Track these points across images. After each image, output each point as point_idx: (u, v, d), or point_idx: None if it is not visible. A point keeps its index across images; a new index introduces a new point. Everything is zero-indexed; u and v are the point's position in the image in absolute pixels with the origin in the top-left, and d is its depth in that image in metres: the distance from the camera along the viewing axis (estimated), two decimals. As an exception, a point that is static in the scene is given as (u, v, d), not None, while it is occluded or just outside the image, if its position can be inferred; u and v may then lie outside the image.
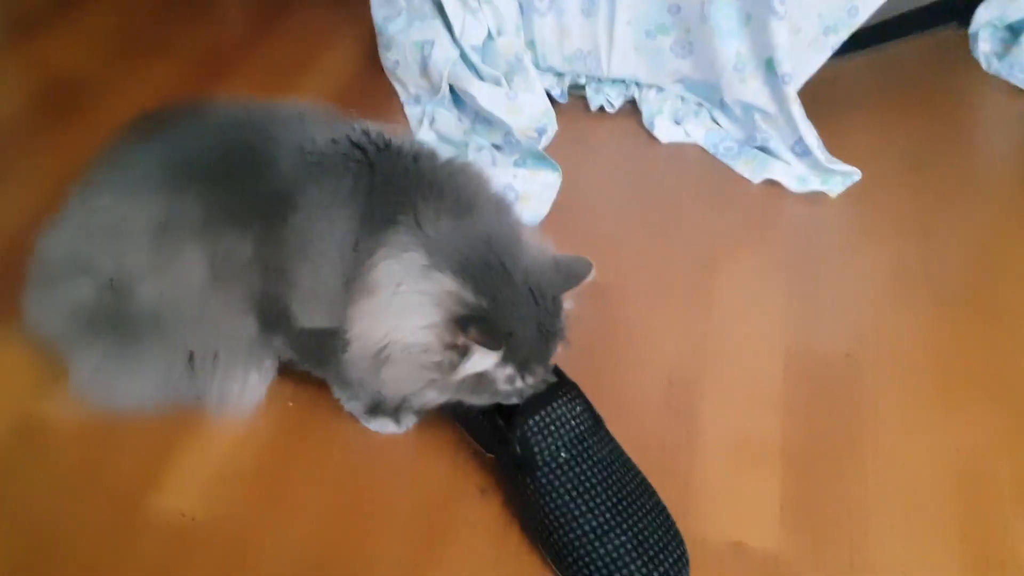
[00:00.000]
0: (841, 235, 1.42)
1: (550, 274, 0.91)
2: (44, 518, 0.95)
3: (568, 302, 0.94)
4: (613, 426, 1.00)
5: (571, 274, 0.92)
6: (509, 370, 0.88)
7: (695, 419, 1.10)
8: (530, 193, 1.40)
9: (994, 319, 1.25)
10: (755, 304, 1.27)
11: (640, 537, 0.90)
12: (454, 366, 0.86)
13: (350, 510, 0.98)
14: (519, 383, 0.90)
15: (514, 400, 0.93)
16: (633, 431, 1.02)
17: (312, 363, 1.02)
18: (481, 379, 0.88)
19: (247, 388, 1.01)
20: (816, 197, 1.46)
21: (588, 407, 0.97)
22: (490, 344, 0.84)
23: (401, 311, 0.86)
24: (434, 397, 0.91)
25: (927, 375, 1.17)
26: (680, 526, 0.95)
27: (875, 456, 1.06)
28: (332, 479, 1.00)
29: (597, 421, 0.98)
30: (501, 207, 0.96)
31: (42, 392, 1.06)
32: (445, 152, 0.99)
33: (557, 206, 1.40)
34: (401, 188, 0.91)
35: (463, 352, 0.85)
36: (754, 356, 1.19)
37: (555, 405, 0.94)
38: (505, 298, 0.87)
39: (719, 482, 1.03)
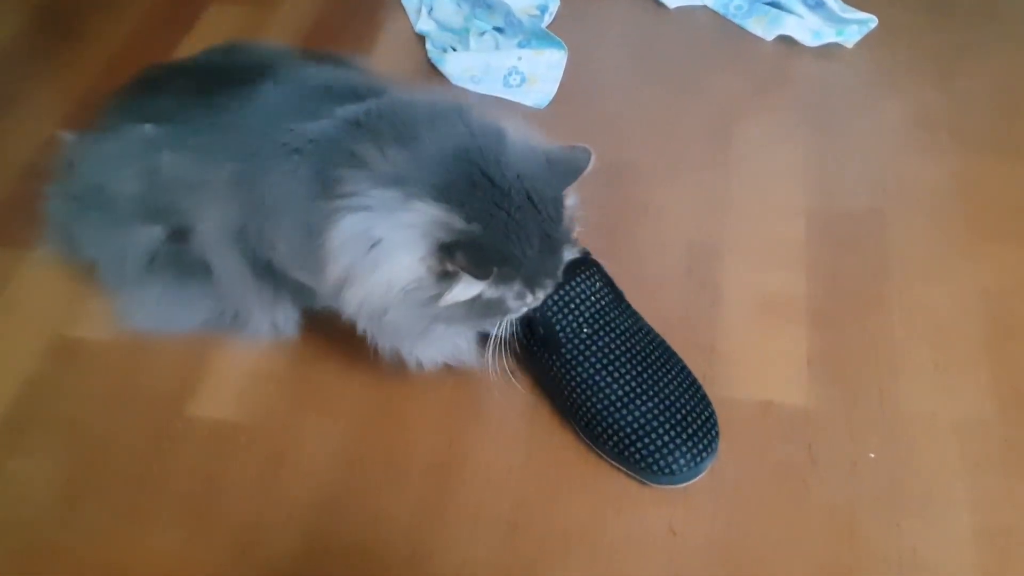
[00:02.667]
0: (859, 87, 1.37)
1: (545, 174, 0.83)
2: (90, 433, 0.98)
3: (570, 198, 0.87)
4: (635, 301, 1.00)
5: (568, 168, 0.84)
6: (517, 286, 0.82)
7: (717, 286, 1.09)
8: (536, 75, 1.37)
9: (1020, 160, 1.21)
10: (774, 166, 1.24)
11: (667, 402, 0.91)
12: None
13: (384, 405, 1.00)
14: (529, 299, 0.84)
15: (526, 311, 0.89)
16: (656, 304, 1.03)
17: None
18: (489, 303, 0.82)
19: (280, 327, 1.02)
20: (832, 50, 1.41)
21: (608, 282, 0.98)
22: (476, 273, 0.77)
23: (387, 255, 0.79)
24: (444, 331, 0.88)
25: (953, 222, 1.15)
26: (708, 391, 0.96)
27: (902, 306, 1.06)
28: (365, 378, 1.01)
29: (617, 295, 0.98)
30: (460, 115, 0.84)
31: (75, 313, 1.08)
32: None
33: (564, 86, 1.37)
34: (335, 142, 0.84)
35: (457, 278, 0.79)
36: (775, 218, 1.17)
37: (575, 283, 0.94)
38: (501, 217, 0.79)
39: (745, 345, 1.03)
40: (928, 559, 0.86)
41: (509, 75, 1.37)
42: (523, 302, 0.85)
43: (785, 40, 1.43)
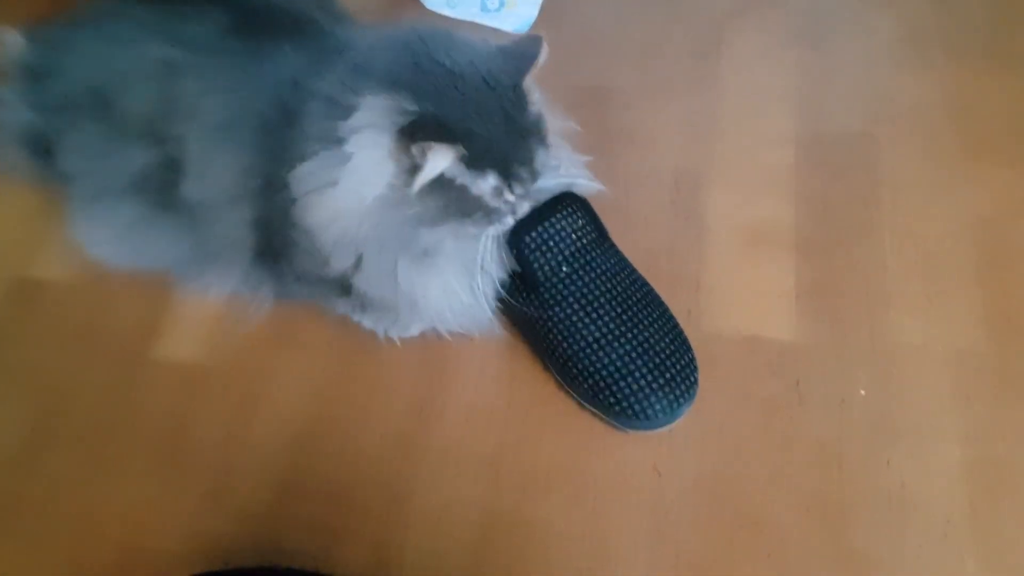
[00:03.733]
0: (853, 7, 1.30)
1: (499, 63, 0.81)
2: (53, 378, 0.95)
3: (568, 120, 0.87)
4: (619, 235, 0.96)
5: (523, 57, 0.81)
6: (492, 180, 0.80)
7: (703, 218, 1.05)
8: (515, -4, 1.30)
9: (1016, 74, 1.17)
10: (763, 89, 1.19)
11: (646, 345, 0.88)
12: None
13: (362, 345, 0.96)
14: (507, 195, 0.82)
15: (508, 220, 0.86)
16: (640, 237, 0.99)
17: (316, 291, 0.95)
18: (466, 198, 0.80)
19: (254, 295, 0.98)
20: (823, -34, 1.35)
21: (592, 219, 0.93)
22: (443, 138, 0.75)
23: (352, 164, 0.78)
24: (427, 236, 0.83)
25: (946, 144, 1.10)
26: (693, 325, 0.93)
27: (893, 234, 1.02)
28: (334, 317, 0.97)
29: (601, 233, 0.94)
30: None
31: (34, 254, 1.04)
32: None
33: (546, 8, 1.30)
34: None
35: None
36: (764, 144, 1.12)
37: (554, 219, 0.90)
38: (453, 95, 0.78)
39: (731, 278, 1.00)
40: (917, 494, 0.85)
41: (486, -3, 1.30)
42: (502, 200, 0.82)
43: (775, -44, 1.36)
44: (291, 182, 0.81)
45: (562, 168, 0.93)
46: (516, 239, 0.88)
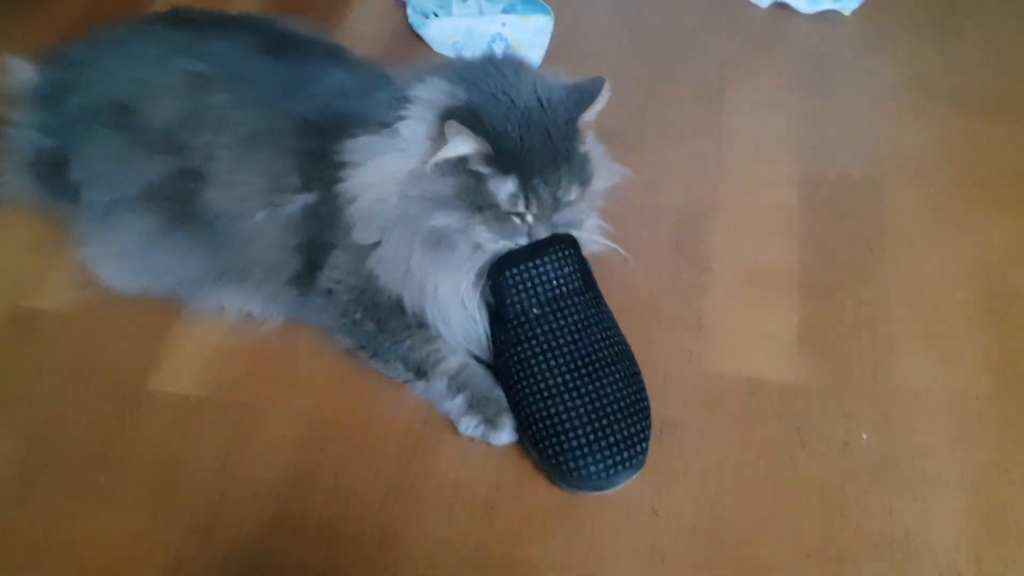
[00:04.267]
0: (856, 53, 1.32)
1: (562, 93, 0.87)
2: (49, 408, 0.94)
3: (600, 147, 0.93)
4: (620, 274, 0.96)
5: (584, 93, 0.87)
6: (511, 186, 0.84)
7: (705, 258, 1.05)
8: (521, 41, 1.32)
9: (1019, 122, 1.17)
10: (767, 132, 1.20)
11: (598, 404, 0.86)
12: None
13: (357, 381, 0.96)
14: (521, 206, 0.85)
15: (522, 240, 0.88)
16: (641, 276, 0.99)
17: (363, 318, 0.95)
18: (481, 190, 0.84)
19: (266, 314, 0.99)
20: (828, 15, 1.36)
21: (580, 268, 0.92)
22: (475, 129, 0.81)
23: (400, 136, 0.86)
24: (440, 218, 0.86)
25: (951, 189, 1.11)
26: (694, 365, 0.93)
27: (897, 277, 1.02)
28: (336, 352, 0.97)
29: (587, 284, 0.92)
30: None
31: (34, 283, 1.04)
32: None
33: (551, 53, 1.32)
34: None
35: None
36: (767, 187, 1.13)
37: (540, 261, 0.89)
38: (505, 103, 0.84)
39: (733, 319, 0.99)
40: (921, 541, 0.83)
41: (493, 42, 1.32)
42: (515, 207, 0.85)
43: (780, 5, 1.38)
44: (343, 152, 0.88)
45: (585, 225, 0.94)
46: (497, 270, 0.88)
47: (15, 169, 1.05)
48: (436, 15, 1.37)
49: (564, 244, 0.90)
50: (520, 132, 0.84)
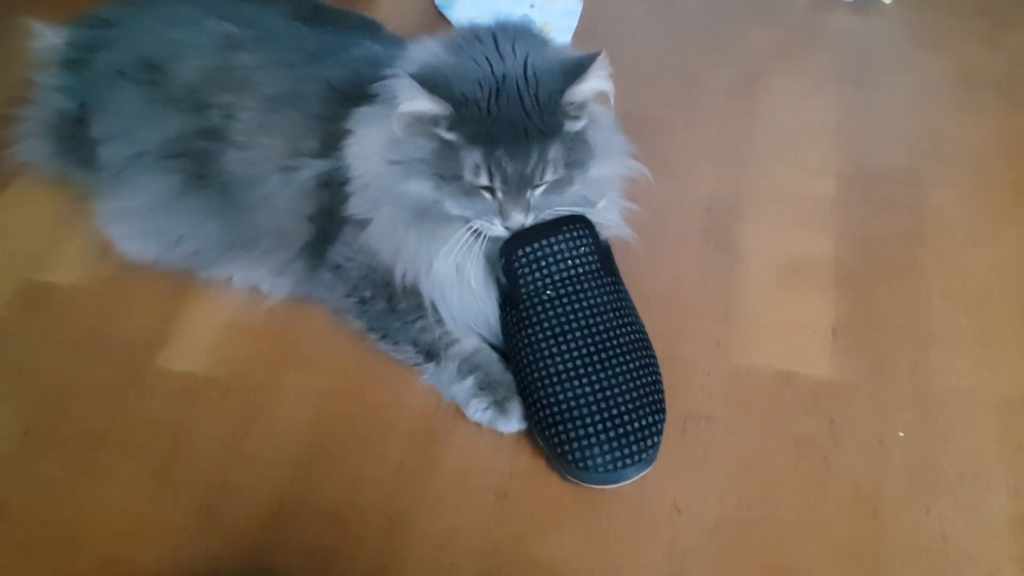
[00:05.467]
0: (898, 44, 1.28)
1: (553, 66, 0.81)
2: (52, 382, 0.92)
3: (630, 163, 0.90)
4: (648, 261, 0.93)
5: (576, 65, 0.80)
6: (476, 156, 0.79)
7: (736, 248, 1.01)
8: (550, 23, 1.29)
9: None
10: (803, 122, 1.16)
11: (609, 392, 0.82)
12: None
13: (369, 364, 0.92)
14: (484, 179, 0.80)
15: (495, 219, 0.83)
16: (668, 265, 0.96)
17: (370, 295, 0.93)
18: (447, 157, 0.80)
19: (274, 288, 0.97)
20: (869, 5, 1.32)
21: (596, 250, 0.87)
22: (436, 91, 0.77)
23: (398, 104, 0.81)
24: (415, 187, 0.83)
25: (998, 183, 1.06)
26: (722, 356, 0.89)
27: (939, 274, 0.97)
28: (348, 334, 0.94)
29: (605, 267, 0.88)
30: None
31: (45, 257, 1.02)
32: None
33: (579, 36, 1.29)
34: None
35: None
36: (803, 177, 1.09)
37: (554, 240, 0.85)
38: (483, 66, 0.80)
39: (764, 310, 0.95)
40: (960, 546, 0.78)
41: (521, 23, 1.29)
42: (478, 180, 0.80)
43: (820, -6, 1.34)
44: (348, 120, 0.86)
45: (601, 204, 0.89)
46: (509, 249, 0.84)
47: (35, 134, 1.04)
48: (463, -3, 1.34)
49: (578, 223, 0.86)
50: (489, 100, 0.79)
